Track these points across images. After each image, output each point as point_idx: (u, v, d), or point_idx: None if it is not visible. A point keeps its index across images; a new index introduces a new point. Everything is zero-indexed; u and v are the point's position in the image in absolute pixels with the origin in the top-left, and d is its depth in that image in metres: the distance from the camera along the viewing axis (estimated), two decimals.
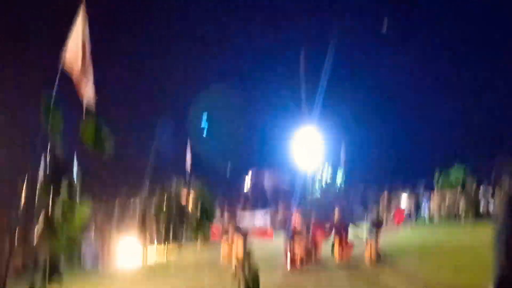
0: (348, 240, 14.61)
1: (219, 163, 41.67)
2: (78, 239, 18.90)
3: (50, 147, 2.99)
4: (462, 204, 24.79)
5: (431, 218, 25.74)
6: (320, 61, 30.01)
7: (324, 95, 28.51)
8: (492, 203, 24.96)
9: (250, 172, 36.59)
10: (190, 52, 37.78)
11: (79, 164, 3.09)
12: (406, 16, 38.02)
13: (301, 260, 13.80)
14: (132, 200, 24.62)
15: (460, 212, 24.80)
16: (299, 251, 13.78)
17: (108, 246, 19.60)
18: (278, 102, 35.06)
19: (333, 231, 14.60)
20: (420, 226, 24.24)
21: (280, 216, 18.41)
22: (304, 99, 26.15)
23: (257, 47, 38.89)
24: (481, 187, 25.81)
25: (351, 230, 14.99)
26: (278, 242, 16.25)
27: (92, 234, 19.44)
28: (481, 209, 24.79)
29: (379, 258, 13.45)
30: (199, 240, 18.42)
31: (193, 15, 38.34)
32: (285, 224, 15.09)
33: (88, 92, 4.06)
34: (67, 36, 4.06)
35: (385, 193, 27.91)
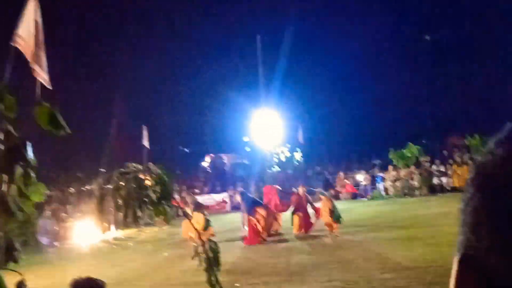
0: (310, 214, 14.93)
1: (177, 147, 41.65)
2: (33, 218, 18.64)
3: (4, 130, 2.93)
4: (416, 180, 25.58)
5: (386, 193, 26.44)
6: (277, 44, 30.20)
7: (282, 77, 28.80)
8: (444, 179, 25.93)
9: (207, 157, 36.69)
10: (150, 35, 37.34)
11: (33, 148, 3.04)
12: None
13: (261, 232, 14.04)
14: (89, 183, 24.43)
15: (414, 187, 25.61)
16: (260, 223, 13.99)
17: (64, 226, 19.49)
18: (237, 84, 35.12)
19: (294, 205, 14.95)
20: (376, 200, 24.92)
21: (237, 197, 18.58)
22: (262, 81, 26.26)
23: (215, 30, 38.71)
24: (434, 165, 26.71)
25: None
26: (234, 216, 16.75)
27: (49, 214, 19.30)
28: (434, 184, 25.73)
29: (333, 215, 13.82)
30: (157, 222, 18.51)
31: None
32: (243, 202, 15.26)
33: (42, 74, 4.00)
34: (19, 19, 3.98)
35: (341, 173, 28.58)
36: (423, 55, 37.49)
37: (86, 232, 15.26)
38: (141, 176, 4.35)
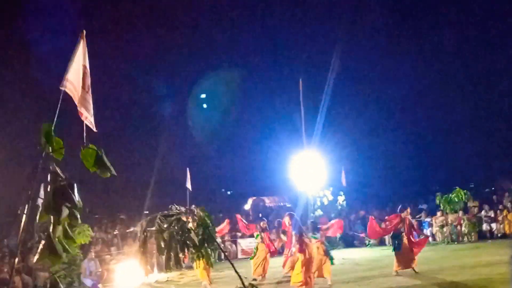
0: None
1: (220, 190, 41.83)
2: (78, 260, 18.90)
3: (51, 174, 2.98)
4: (464, 226, 24.73)
5: (433, 239, 25.61)
6: (319, 86, 30.32)
7: (325, 119, 28.76)
8: (494, 225, 24.97)
9: (249, 199, 36.66)
10: (194, 81, 38.21)
11: (80, 190, 3.08)
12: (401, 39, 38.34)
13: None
14: (133, 225, 24.68)
15: (463, 233, 24.76)
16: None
17: (108, 268, 19.64)
18: (280, 127, 35.26)
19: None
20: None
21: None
22: (305, 123, 26.21)
23: (259, 74, 39.35)
24: (483, 210, 25.82)
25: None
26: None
27: (93, 255, 19.52)
28: (483, 230, 24.82)
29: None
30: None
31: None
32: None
33: (89, 117, 4.10)
34: (68, 65, 4.12)
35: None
36: (469, 96, 36.84)
37: (129, 274, 15.28)
38: (184, 218, 4.34)
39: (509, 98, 35.25)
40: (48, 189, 3.07)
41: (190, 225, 4.35)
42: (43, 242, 2.93)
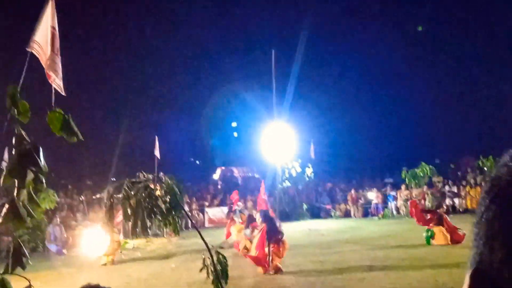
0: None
1: (188, 159, 41.75)
2: (43, 225, 18.65)
3: (16, 137, 2.91)
4: (428, 200, 25.32)
5: (398, 213, 26.20)
6: (290, 58, 30.27)
7: (295, 92, 28.79)
8: (456, 200, 25.66)
9: (218, 169, 36.72)
10: (165, 47, 37.64)
11: (45, 155, 3.02)
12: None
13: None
14: (99, 192, 24.48)
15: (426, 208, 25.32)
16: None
17: (73, 234, 19.54)
18: (250, 98, 35.19)
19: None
20: (387, 219, 24.70)
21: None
22: (275, 95, 26.19)
23: (230, 44, 38.97)
24: (446, 185, 26.47)
25: None
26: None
27: (58, 221, 19.38)
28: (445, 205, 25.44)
29: None
30: (167, 234, 18.54)
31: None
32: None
33: (57, 80, 4.00)
34: (35, 26, 3.99)
35: (353, 190, 28.42)
36: (439, 73, 37.38)
37: (94, 240, 15.23)
38: (152, 186, 4.32)
39: (475, 78, 35.92)
40: (13, 153, 3.01)
41: (157, 192, 4.34)
42: (6, 206, 2.88)
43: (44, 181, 3.11)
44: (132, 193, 4.13)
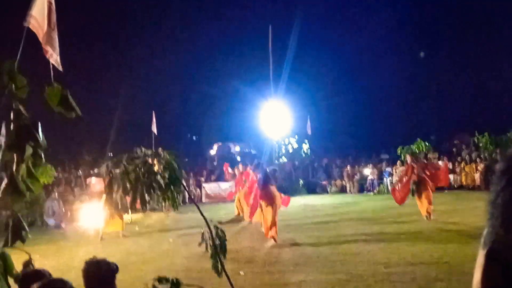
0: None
1: (185, 135, 41.75)
2: (41, 199, 18.68)
3: (14, 112, 2.92)
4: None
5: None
6: (287, 35, 30.08)
7: (292, 68, 28.69)
8: (451, 176, 25.77)
9: (215, 145, 36.75)
10: (163, 24, 37.33)
11: (43, 130, 3.03)
12: None
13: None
14: (97, 167, 24.54)
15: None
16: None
17: (71, 208, 19.66)
18: (247, 74, 35.07)
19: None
20: (383, 194, 24.75)
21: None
22: (272, 71, 26.12)
23: (227, 21, 38.64)
24: (442, 161, 26.56)
25: None
26: None
27: (56, 195, 19.48)
28: None
29: None
30: (165, 209, 18.64)
31: None
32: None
33: (54, 55, 4.00)
34: (32, 0, 3.96)
35: (348, 166, 28.53)
36: (434, 51, 37.25)
37: (93, 215, 15.31)
38: (150, 161, 4.35)
39: (468, 59, 35.81)
40: (11, 128, 3.02)
41: (156, 168, 4.37)
42: (5, 180, 2.90)
43: (42, 156, 3.13)
44: (131, 168, 4.16)
